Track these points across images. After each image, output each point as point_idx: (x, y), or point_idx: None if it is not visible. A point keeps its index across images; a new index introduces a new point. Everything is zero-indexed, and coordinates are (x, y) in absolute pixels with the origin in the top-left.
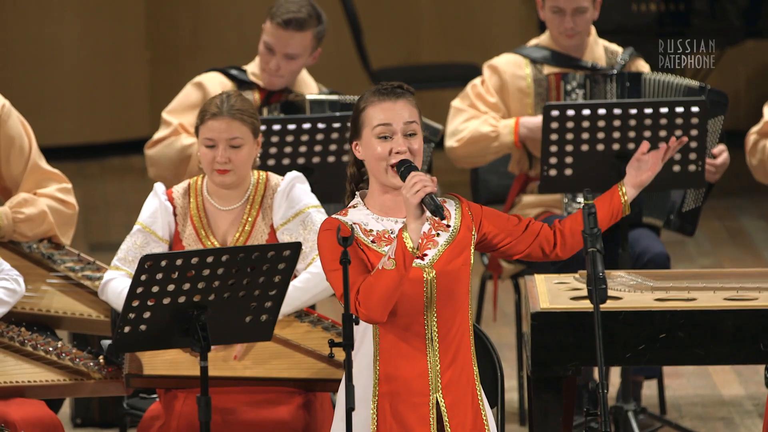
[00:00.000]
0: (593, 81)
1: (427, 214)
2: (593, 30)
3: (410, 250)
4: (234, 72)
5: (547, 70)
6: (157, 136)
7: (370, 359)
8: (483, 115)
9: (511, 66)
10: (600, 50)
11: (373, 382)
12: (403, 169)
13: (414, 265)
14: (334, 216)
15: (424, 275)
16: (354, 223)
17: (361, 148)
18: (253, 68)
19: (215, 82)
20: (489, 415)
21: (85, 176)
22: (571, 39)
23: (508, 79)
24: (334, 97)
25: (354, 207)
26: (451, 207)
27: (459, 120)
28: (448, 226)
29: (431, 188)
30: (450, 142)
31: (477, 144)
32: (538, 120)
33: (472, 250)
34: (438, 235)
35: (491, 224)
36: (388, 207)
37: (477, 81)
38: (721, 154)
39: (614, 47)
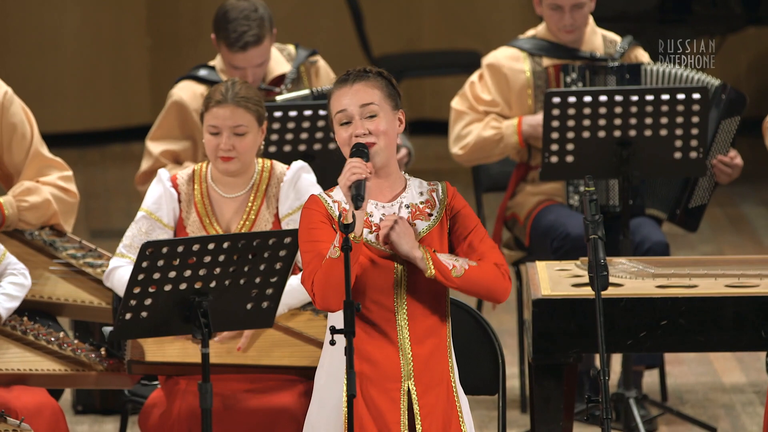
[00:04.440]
0: (593, 73)
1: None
2: (591, 20)
3: (352, 238)
4: (203, 73)
5: (546, 62)
6: (142, 168)
7: (344, 341)
8: (485, 117)
9: (509, 60)
10: (598, 40)
11: (346, 363)
12: (353, 152)
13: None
14: (318, 194)
15: (394, 260)
16: (335, 201)
17: (336, 138)
18: (220, 64)
19: (189, 92)
20: (465, 407)
21: (86, 163)
22: (570, 35)
23: (507, 74)
24: (305, 92)
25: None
26: (437, 195)
27: (461, 124)
28: (431, 215)
29: (358, 176)
30: (455, 149)
31: (482, 149)
32: (539, 117)
33: (449, 240)
34: (415, 225)
35: (456, 226)
36: (370, 190)
37: (474, 78)
38: (734, 158)
39: (612, 36)
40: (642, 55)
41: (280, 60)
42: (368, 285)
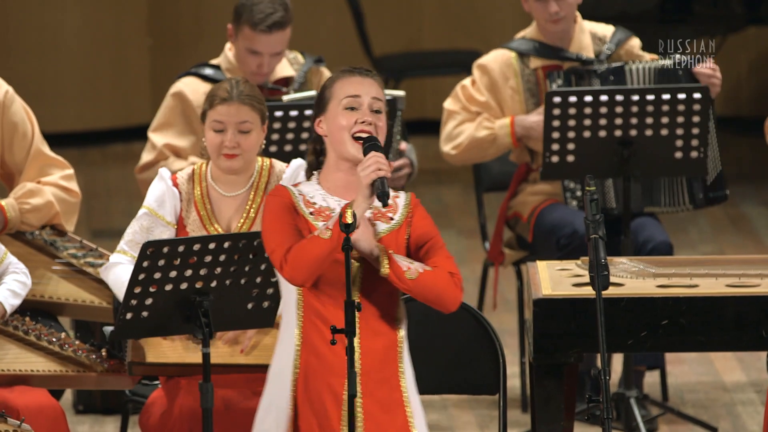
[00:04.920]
0: (578, 77)
1: (376, 199)
2: (579, 18)
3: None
4: (209, 72)
5: (534, 63)
6: (144, 159)
7: (294, 331)
8: (477, 117)
9: (499, 63)
10: (586, 38)
11: (294, 355)
12: (368, 145)
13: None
14: (284, 184)
15: (352, 259)
16: (300, 194)
17: (325, 123)
18: (225, 63)
19: (192, 88)
20: (416, 409)
21: (87, 163)
22: (557, 24)
23: (497, 78)
24: (312, 93)
25: (308, 180)
26: (400, 202)
27: (452, 124)
28: (392, 218)
29: (385, 173)
30: (446, 148)
31: (475, 149)
32: (532, 118)
33: (407, 248)
34: (376, 225)
35: (415, 235)
36: (338, 186)
37: (467, 81)
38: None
39: (602, 31)
40: (634, 48)
41: (284, 63)
42: (323, 279)
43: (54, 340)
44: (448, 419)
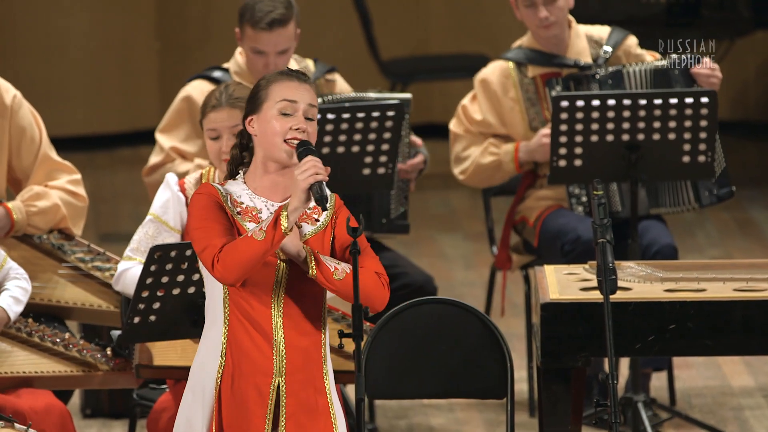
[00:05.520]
0: (577, 83)
1: (312, 202)
2: (574, 23)
3: (283, 229)
4: (218, 75)
5: (532, 71)
6: (151, 161)
7: (220, 329)
8: (482, 139)
9: (497, 75)
10: (582, 43)
11: (220, 353)
12: (303, 150)
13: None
14: (211, 183)
15: (277, 257)
16: (228, 193)
17: (256, 123)
18: (235, 67)
19: (202, 92)
20: (338, 412)
21: (94, 167)
22: (548, 30)
23: (497, 90)
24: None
25: (234, 179)
26: (328, 204)
27: (459, 147)
28: (317, 220)
29: (323, 177)
30: (456, 171)
31: (481, 175)
32: (534, 141)
33: (332, 249)
34: (301, 227)
35: (339, 235)
36: (265, 188)
37: (466, 100)
38: (708, 63)
39: (598, 33)
40: (631, 48)
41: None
42: (249, 279)
43: (58, 340)
44: (455, 423)
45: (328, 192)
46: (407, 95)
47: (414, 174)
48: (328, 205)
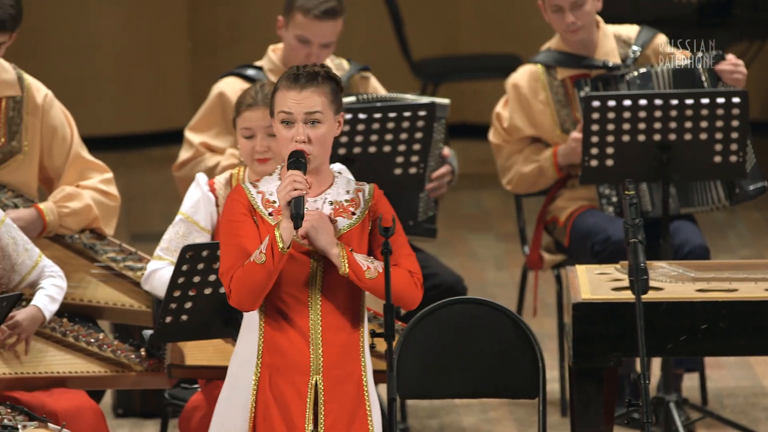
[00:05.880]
0: (605, 84)
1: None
2: (602, 23)
3: (280, 249)
4: (251, 73)
5: (561, 73)
6: (181, 157)
7: (256, 329)
8: (522, 147)
9: (527, 79)
10: (611, 43)
11: (257, 352)
12: (290, 162)
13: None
14: (242, 184)
15: (310, 256)
16: (259, 192)
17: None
18: (268, 65)
19: (235, 89)
20: (374, 407)
21: (126, 166)
22: (575, 34)
23: (527, 93)
24: (351, 98)
25: (270, 175)
26: (362, 196)
27: (502, 157)
28: (353, 213)
29: (299, 192)
30: (503, 182)
31: (526, 183)
32: (567, 146)
33: (369, 240)
34: (336, 221)
35: (377, 229)
36: None
37: (499, 106)
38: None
39: (627, 32)
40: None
41: (329, 66)
42: (284, 278)
43: (92, 340)
44: (487, 423)
45: (307, 208)
46: (445, 100)
47: (442, 189)
48: (365, 196)
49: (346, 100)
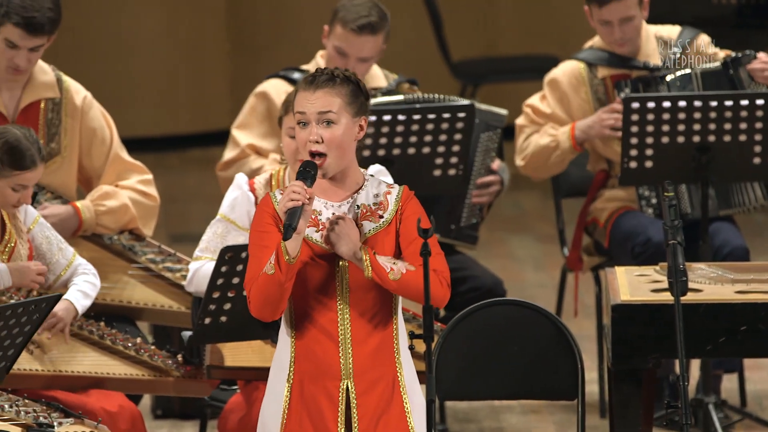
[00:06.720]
0: (645, 85)
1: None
2: (644, 24)
3: (286, 260)
4: (297, 76)
5: (602, 72)
6: (226, 157)
7: (289, 335)
8: (542, 127)
9: (568, 76)
10: (652, 44)
11: (289, 359)
12: (299, 171)
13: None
14: (271, 193)
15: (334, 263)
16: None
17: None
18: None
19: (279, 90)
20: (416, 405)
21: (165, 167)
22: (622, 47)
23: (567, 89)
24: (399, 97)
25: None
26: (391, 198)
27: (522, 138)
28: (381, 216)
29: (295, 203)
30: (517, 161)
31: (540, 156)
32: (589, 120)
33: (397, 242)
34: (362, 225)
35: (405, 230)
36: (323, 189)
37: (534, 99)
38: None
39: (668, 33)
40: (704, 46)
41: (379, 75)
42: (311, 283)
43: (129, 344)
44: (526, 424)
45: (300, 221)
46: (503, 110)
47: (487, 198)
48: (394, 198)
49: (394, 99)
